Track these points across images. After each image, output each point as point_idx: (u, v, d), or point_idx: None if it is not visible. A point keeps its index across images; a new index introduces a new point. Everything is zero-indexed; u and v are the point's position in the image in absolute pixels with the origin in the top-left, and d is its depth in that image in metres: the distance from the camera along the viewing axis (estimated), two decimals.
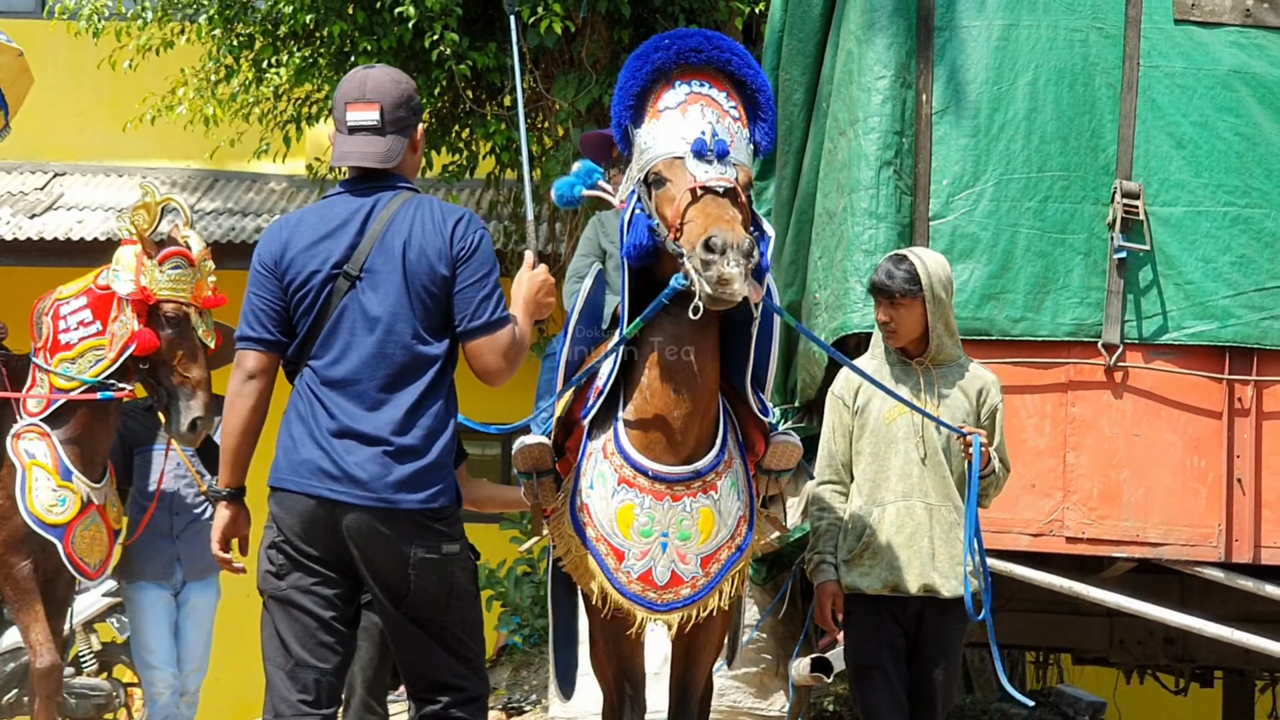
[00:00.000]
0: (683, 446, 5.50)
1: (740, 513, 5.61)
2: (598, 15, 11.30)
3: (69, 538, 7.59)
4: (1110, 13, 7.46)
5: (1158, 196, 7.37)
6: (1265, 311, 7.35)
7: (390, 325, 4.95)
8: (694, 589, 5.54)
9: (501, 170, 12.47)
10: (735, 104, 5.41)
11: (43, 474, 7.59)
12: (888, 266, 6.24)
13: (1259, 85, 7.42)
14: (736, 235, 5.06)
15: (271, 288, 5.03)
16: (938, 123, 7.42)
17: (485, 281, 4.99)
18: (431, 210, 5.02)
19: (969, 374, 6.27)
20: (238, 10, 11.88)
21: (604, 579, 5.56)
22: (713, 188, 5.22)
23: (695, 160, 5.26)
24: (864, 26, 7.45)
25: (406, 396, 4.95)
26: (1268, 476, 7.35)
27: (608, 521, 5.54)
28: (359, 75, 5.15)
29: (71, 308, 7.71)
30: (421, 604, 4.96)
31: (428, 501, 4.94)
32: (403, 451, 4.92)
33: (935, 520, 6.13)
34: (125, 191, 14.88)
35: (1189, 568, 7.41)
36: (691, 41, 5.43)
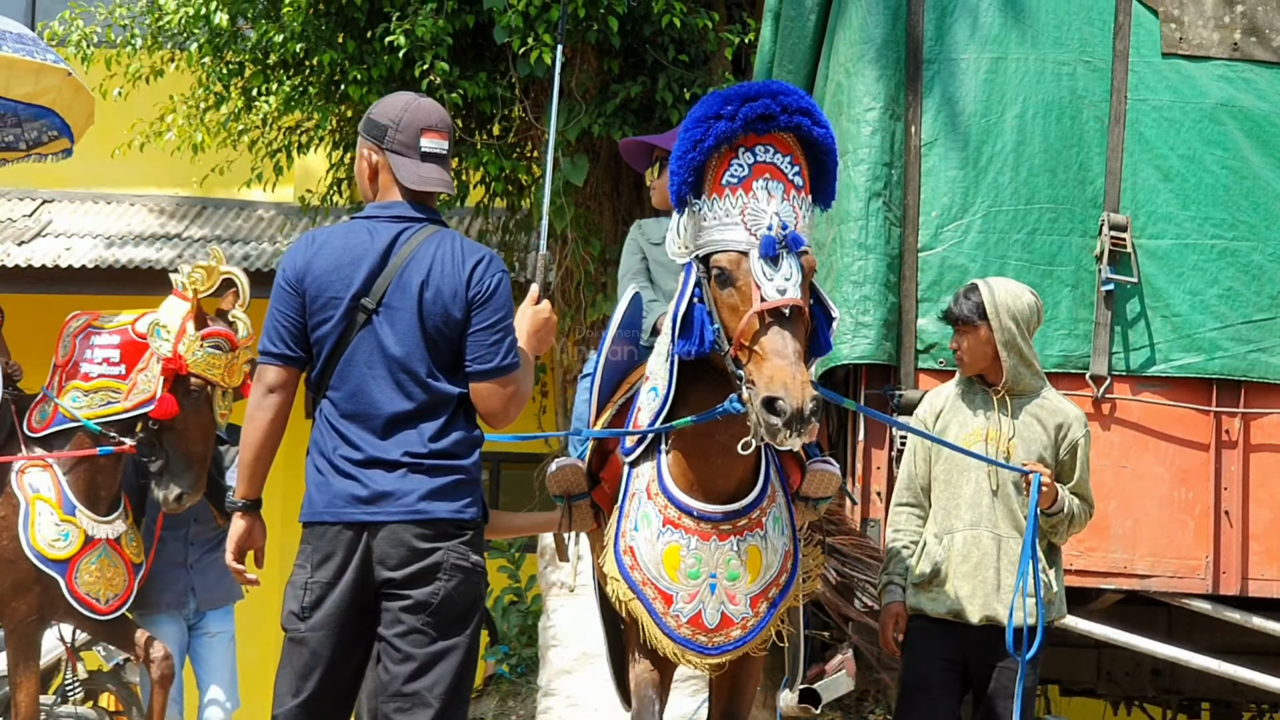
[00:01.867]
0: (726, 484, 5.43)
1: (786, 547, 5.54)
2: (587, 45, 11.31)
3: (71, 573, 7.50)
4: (1098, 46, 7.50)
5: (1145, 229, 7.40)
6: (1252, 344, 7.38)
7: (405, 364, 4.95)
8: (745, 630, 5.46)
9: (491, 199, 12.47)
10: (800, 167, 5.25)
11: (46, 508, 7.50)
12: (959, 294, 6.28)
13: (1246, 119, 7.46)
14: (801, 400, 4.95)
15: (294, 304, 5.03)
16: (927, 154, 7.44)
17: (498, 326, 4.98)
18: (453, 249, 5.01)
19: (1050, 407, 6.23)
20: (228, 39, 11.88)
21: (652, 624, 5.47)
22: (782, 312, 5.09)
23: (762, 265, 5.13)
24: (854, 59, 7.47)
25: (428, 428, 4.95)
26: (1255, 508, 7.37)
27: (654, 564, 5.47)
28: (429, 104, 5.17)
29: (103, 341, 7.58)
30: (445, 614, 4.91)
31: (459, 511, 4.94)
32: (433, 468, 4.93)
33: (1003, 551, 6.09)
34: (113, 219, 14.87)
35: (1176, 599, 7.43)
36: (758, 107, 5.23)
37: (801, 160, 5.25)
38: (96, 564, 7.54)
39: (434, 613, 4.91)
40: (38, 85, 7.88)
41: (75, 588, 7.47)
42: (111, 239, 14.42)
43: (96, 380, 7.53)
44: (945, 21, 7.49)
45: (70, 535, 7.50)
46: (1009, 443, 6.09)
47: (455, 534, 4.93)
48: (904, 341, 7.37)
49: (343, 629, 4.96)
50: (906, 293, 7.38)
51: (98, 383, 7.53)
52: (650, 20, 11.24)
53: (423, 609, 4.91)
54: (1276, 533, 7.39)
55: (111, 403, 7.50)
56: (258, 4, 11.74)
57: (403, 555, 4.90)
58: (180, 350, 7.40)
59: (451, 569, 4.91)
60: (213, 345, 7.47)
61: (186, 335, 7.42)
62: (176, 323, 7.46)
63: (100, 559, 7.56)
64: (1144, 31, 7.50)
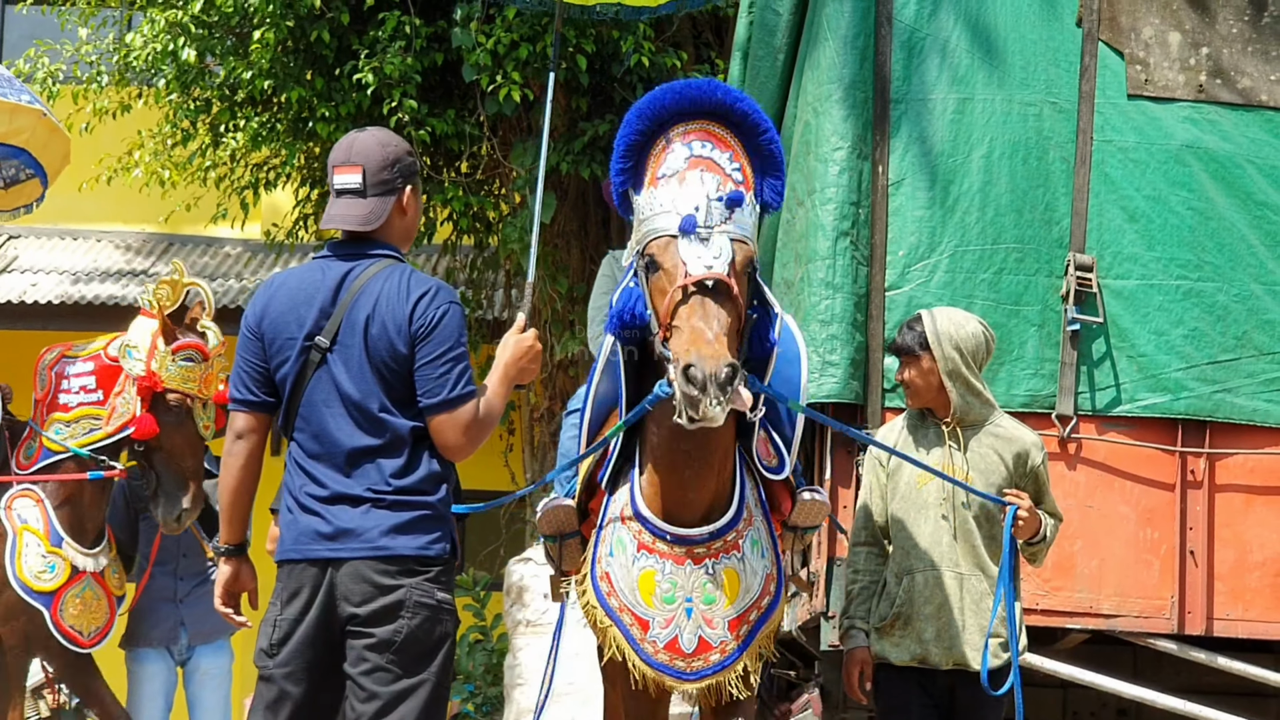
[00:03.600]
0: (697, 506, 5.36)
1: (767, 571, 5.44)
2: (556, 83, 11.34)
3: (57, 605, 7.46)
4: (1064, 87, 7.53)
5: (1111, 269, 7.42)
6: (1218, 384, 7.39)
7: (360, 402, 4.95)
8: (724, 654, 5.37)
9: (458, 236, 12.48)
10: (740, 164, 5.22)
11: (33, 539, 7.47)
12: (903, 326, 6.25)
13: (1211, 160, 7.49)
14: (715, 364, 4.88)
15: (255, 349, 5.06)
16: (894, 194, 7.46)
17: (444, 358, 4.94)
18: (399, 283, 4.98)
19: (1005, 435, 6.17)
20: (195, 75, 11.89)
21: (630, 650, 5.40)
22: (703, 284, 5.03)
23: (687, 242, 5.07)
24: (822, 98, 7.49)
25: (391, 464, 4.95)
26: (1220, 549, 7.37)
27: (629, 590, 5.40)
28: (348, 138, 5.16)
29: (77, 370, 7.58)
30: (409, 651, 4.89)
31: (424, 548, 4.92)
32: (396, 503, 4.93)
33: (966, 590, 6.02)
34: (80, 255, 14.85)
35: (1142, 639, 7.42)
36: (691, 92, 5.23)
37: (743, 159, 5.22)
38: (81, 597, 7.53)
39: (398, 650, 4.88)
40: (11, 125, 7.87)
41: (60, 620, 7.46)
42: (78, 275, 14.40)
43: (76, 409, 7.54)
44: (913, 62, 7.51)
45: (57, 567, 7.48)
46: (966, 477, 6.06)
47: (419, 571, 4.91)
48: (871, 380, 7.37)
49: (310, 666, 4.96)
50: (874, 332, 7.38)
51: (78, 411, 7.54)
52: (619, 59, 11.29)
53: (386, 647, 4.88)
54: (1242, 573, 7.40)
55: (94, 430, 7.50)
56: (226, 41, 11.77)
57: (366, 592, 4.88)
58: (153, 368, 7.42)
59: (415, 606, 4.89)
60: (185, 358, 7.48)
61: (158, 352, 7.42)
62: (147, 341, 7.46)
63: (85, 591, 7.54)
64: (1110, 73, 7.53)
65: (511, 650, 10.65)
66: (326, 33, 11.27)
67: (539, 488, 6.01)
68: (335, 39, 11.37)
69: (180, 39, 11.58)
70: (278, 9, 11.19)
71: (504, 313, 12.92)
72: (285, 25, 11.27)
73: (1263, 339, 7.43)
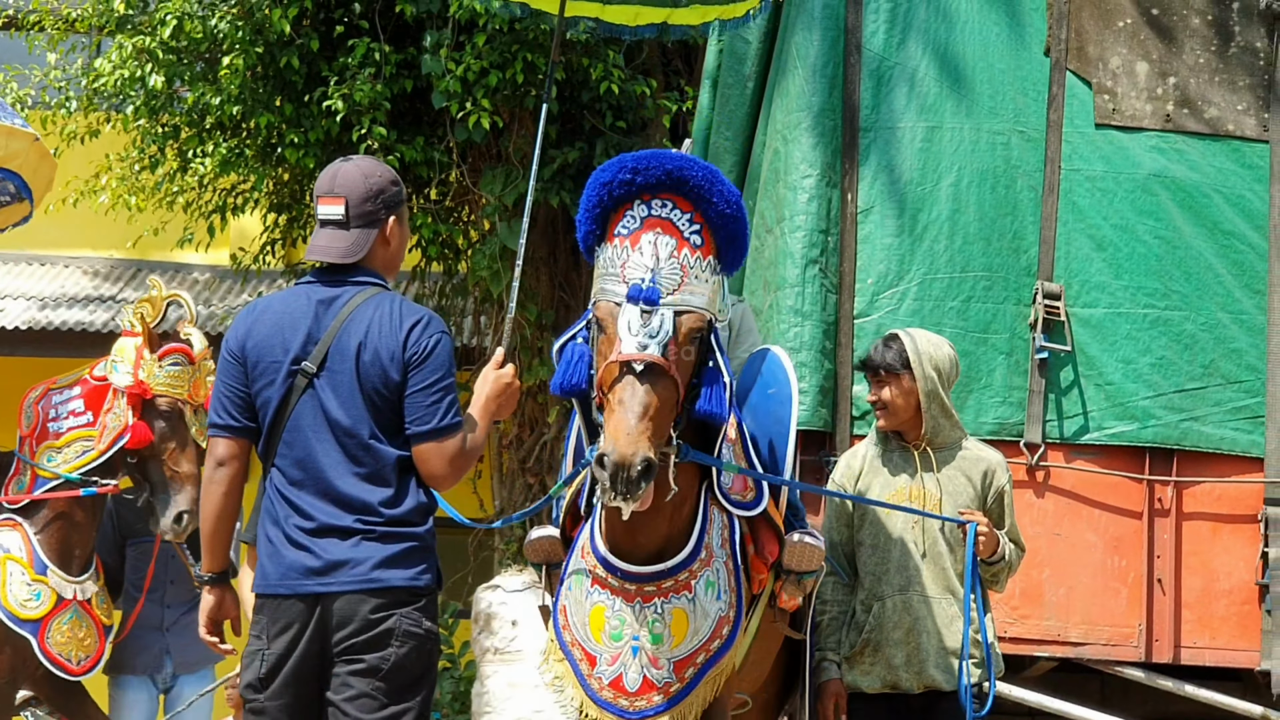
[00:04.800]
0: (647, 546, 5.29)
1: (720, 613, 5.34)
2: (525, 110, 11.36)
3: (44, 633, 7.41)
4: (1032, 116, 7.56)
5: (1079, 298, 7.44)
6: (1185, 413, 7.42)
7: (349, 429, 4.90)
8: (667, 696, 5.29)
9: (427, 263, 12.47)
10: (699, 225, 5.13)
11: (17, 568, 7.41)
12: (878, 344, 6.18)
13: (1179, 189, 7.52)
14: (628, 458, 4.87)
15: (237, 374, 5.00)
16: (863, 222, 7.47)
17: (435, 387, 4.90)
18: (391, 311, 4.95)
19: (971, 456, 6.14)
20: (164, 101, 11.86)
21: (578, 684, 5.36)
22: (632, 367, 4.99)
23: (631, 313, 5.04)
24: (791, 126, 7.51)
25: (381, 493, 4.91)
26: (1188, 577, 7.39)
27: (581, 625, 5.37)
28: (332, 168, 5.13)
29: (64, 397, 7.55)
30: (395, 679, 4.87)
31: (414, 579, 4.89)
32: (386, 534, 4.88)
33: (935, 614, 5.99)
34: (47, 280, 14.80)
35: (1110, 667, 7.43)
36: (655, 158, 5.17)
37: (703, 220, 5.14)
38: (68, 624, 7.47)
39: (384, 678, 4.86)
40: (6, 149, 7.85)
41: (47, 648, 7.40)
42: (45, 301, 14.35)
43: (67, 434, 7.50)
44: (882, 90, 7.54)
45: (42, 595, 7.43)
46: (936, 502, 6.04)
47: (409, 600, 4.88)
48: (839, 408, 7.39)
49: (300, 698, 4.92)
50: (842, 359, 7.40)
51: (69, 436, 7.50)
52: (589, 86, 11.29)
53: (373, 674, 4.86)
54: (1209, 601, 7.42)
55: (87, 451, 7.46)
56: (195, 67, 11.74)
57: (358, 623, 4.86)
58: (141, 376, 7.39)
59: (404, 635, 4.86)
60: (172, 363, 7.47)
61: (144, 360, 7.41)
62: (132, 354, 7.46)
63: (71, 619, 7.49)
64: (1078, 102, 7.56)
65: (479, 678, 10.61)
66: (296, 59, 11.25)
67: (526, 516, 5.97)
68: (305, 65, 11.35)
69: (149, 65, 11.55)
70: (247, 35, 11.18)
71: (472, 339, 12.90)
72: (255, 51, 11.25)
73: (1230, 367, 7.47)
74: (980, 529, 5.92)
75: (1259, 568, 7.38)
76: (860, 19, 7.53)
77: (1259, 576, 7.38)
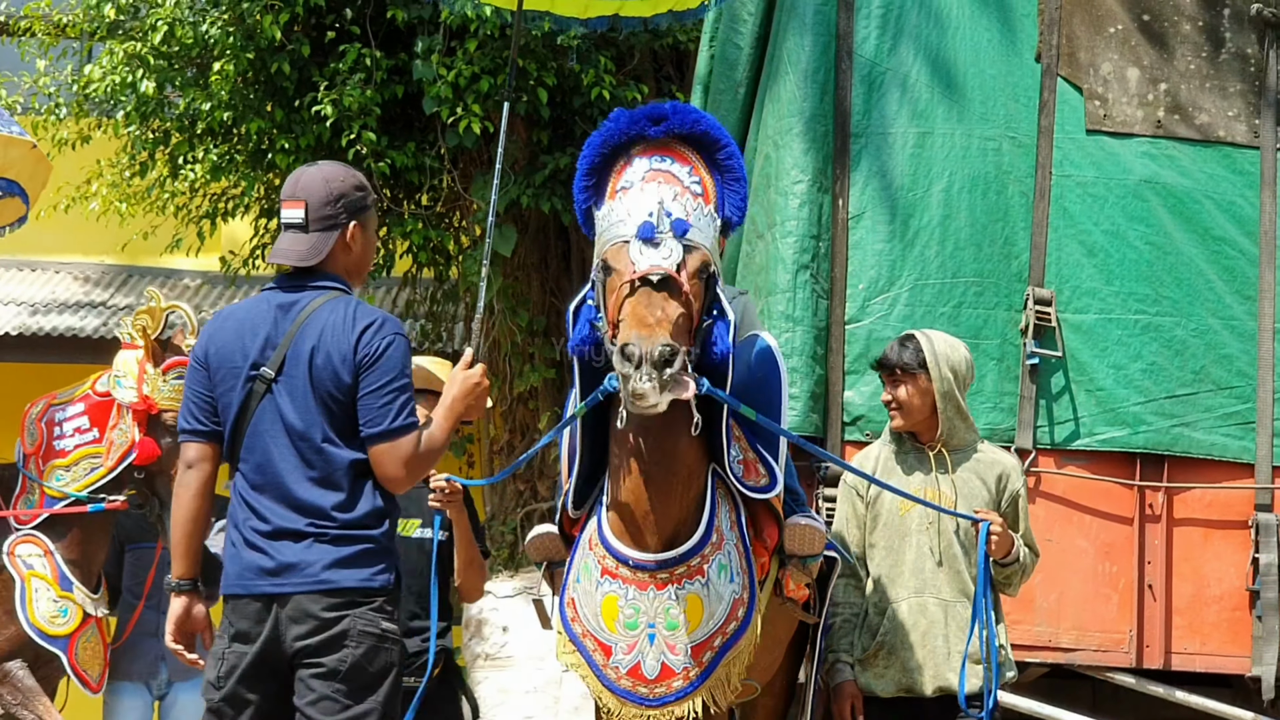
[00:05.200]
0: (661, 530, 5.27)
1: (735, 595, 5.33)
2: (517, 116, 11.34)
3: (72, 649, 7.40)
4: (1023, 122, 7.57)
5: (1069, 304, 7.45)
6: (1176, 418, 7.42)
7: (304, 431, 4.95)
8: (687, 680, 5.28)
9: (418, 269, 12.45)
10: (700, 178, 5.18)
11: (42, 585, 7.40)
12: (894, 343, 6.14)
13: (1169, 195, 7.53)
14: (651, 342, 4.85)
15: (202, 379, 5.07)
16: (854, 228, 7.48)
17: (387, 388, 4.93)
18: (345, 314, 4.99)
19: (986, 459, 6.11)
20: (155, 106, 11.84)
21: (593, 676, 5.35)
22: (649, 278, 5.00)
23: (639, 245, 5.04)
24: (782, 131, 7.51)
25: (335, 497, 4.94)
26: (1178, 583, 7.40)
27: (593, 616, 5.34)
28: (296, 173, 5.19)
29: (68, 414, 7.52)
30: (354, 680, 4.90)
31: (367, 580, 4.93)
32: (339, 538, 4.92)
33: (950, 617, 5.95)
34: (37, 286, 14.77)
35: (1101, 673, 7.44)
36: (652, 111, 5.23)
37: (703, 173, 5.19)
38: (92, 641, 7.48)
39: (343, 679, 4.89)
40: (5, 158, 7.85)
41: (76, 664, 7.39)
42: (35, 306, 14.32)
43: (75, 452, 7.48)
44: (873, 96, 7.54)
45: (69, 611, 7.43)
46: (951, 504, 5.97)
47: (363, 601, 4.92)
48: (830, 414, 7.38)
49: (258, 698, 4.95)
50: (833, 365, 7.40)
51: (76, 454, 7.48)
52: (580, 92, 11.28)
53: (333, 676, 4.89)
54: (1200, 606, 7.43)
55: (96, 469, 7.44)
56: (185, 72, 11.72)
57: (310, 625, 4.90)
58: (145, 392, 7.37)
59: (359, 635, 4.90)
60: (175, 376, 7.44)
61: (147, 375, 7.39)
62: (134, 368, 7.42)
63: (94, 637, 7.51)
64: (1069, 108, 7.57)
65: (470, 683, 10.62)
66: (287, 65, 11.24)
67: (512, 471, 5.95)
68: (295, 71, 11.33)
69: (140, 70, 11.54)
70: (238, 41, 11.17)
71: (464, 345, 12.85)
72: (245, 57, 11.24)
73: (1220, 373, 7.47)
74: (994, 528, 5.88)
75: (1250, 573, 7.39)
76: (852, 24, 7.53)
77: (1250, 582, 7.39)
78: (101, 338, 13.52)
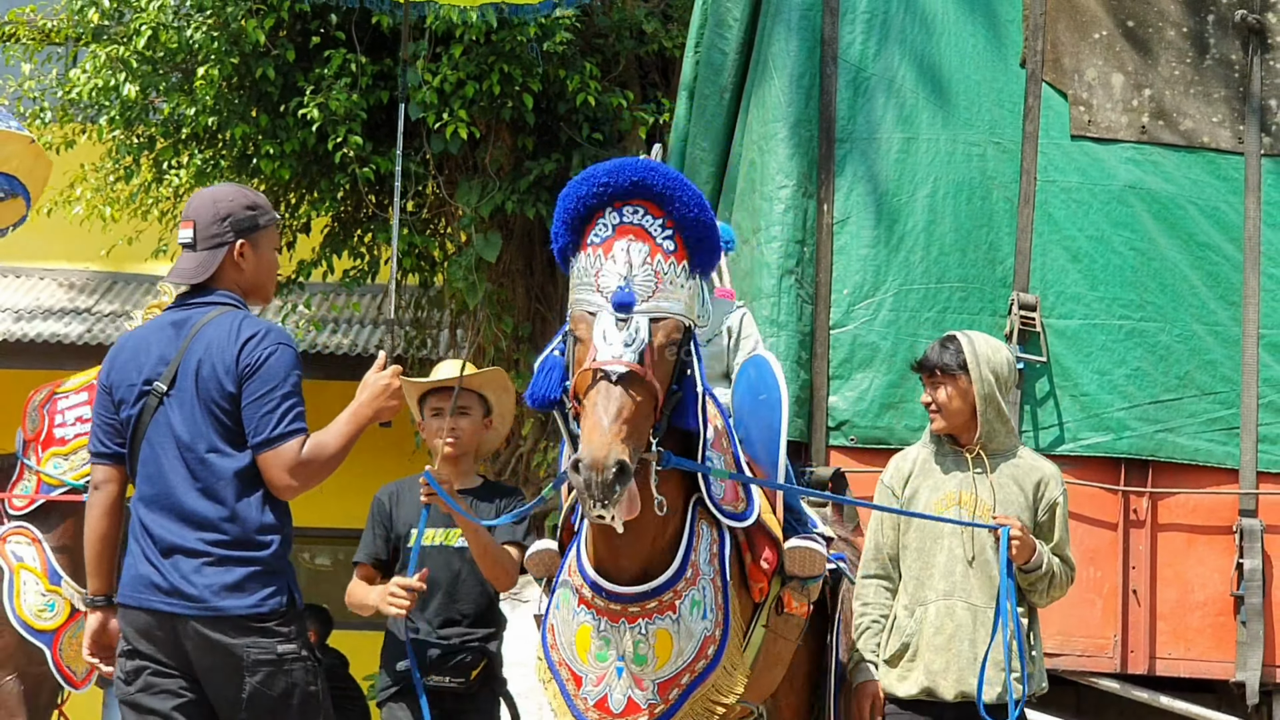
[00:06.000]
0: (631, 567, 5.23)
1: (706, 633, 5.26)
2: (502, 122, 11.34)
3: (57, 644, 7.33)
4: (1008, 128, 7.57)
5: (1054, 309, 7.45)
6: (1160, 424, 7.43)
7: (190, 442, 5.02)
8: (651, 716, 5.23)
9: (403, 275, 12.44)
10: (672, 232, 5.08)
11: (31, 577, 7.33)
12: (935, 345, 6.06)
13: (1154, 201, 7.54)
14: (603, 461, 4.77)
15: (106, 401, 5.18)
16: (839, 233, 7.48)
17: (269, 397, 4.99)
18: (230, 327, 5.07)
19: (1025, 465, 6.00)
20: (139, 111, 11.83)
21: (564, 705, 5.32)
22: (608, 373, 4.92)
23: (605, 321, 4.98)
24: (767, 136, 7.51)
25: (221, 509, 5.00)
26: (1163, 588, 7.40)
27: (568, 645, 5.31)
28: (195, 194, 5.37)
29: (70, 403, 7.46)
30: (258, 708, 4.96)
31: (256, 606, 4.96)
32: (227, 559, 4.97)
33: (979, 623, 5.83)
34: (21, 293, 14.75)
35: (1085, 678, 7.43)
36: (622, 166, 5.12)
37: (674, 225, 5.09)
38: (76, 637, 7.41)
39: (247, 708, 4.96)
40: (3, 152, 7.82)
41: (59, 660, 7.33)
42: (20, 313, 14.30)
43: (74, 441, 7.41)
44: (859, 101, 7.55)
45: (56, 605, 7.36)
46: (988, 509, 5.86)
47: (255, 628, 4.95)
48: (815, 419, 7.38)
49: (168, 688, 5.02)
50: (818, 370, 7.40)
51: (75, 443, 7.41)
52: (565, 98, 11.28)
53: (235, 707, 4.97)
54: (1183, 612, 7.42)
55: None
56: (170, 77, 11.71)
57: (207, 652, 4.97)
58: None
59: (254, 665, 4.95)
60: None
61: None
62: None
63: (79, 632, 7.42)
64: (1053, 114, 7.58)
65: None
66: (271, 70, 11.23)
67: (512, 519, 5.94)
68: (280, 76, 11.32)
69: (123, 75, 11.52)
70: (222, 45, 11.15)
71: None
72: (230, 62, 11.23)
73: (1205, 379, 7.48)
74: (1013, 533, 5.81)
75: (1234, 579, 7.39)
76: (837, 29, 7.54)
77: (1234, 588, 7.39)
78: (86, 344, 13.50)
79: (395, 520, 6.33)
